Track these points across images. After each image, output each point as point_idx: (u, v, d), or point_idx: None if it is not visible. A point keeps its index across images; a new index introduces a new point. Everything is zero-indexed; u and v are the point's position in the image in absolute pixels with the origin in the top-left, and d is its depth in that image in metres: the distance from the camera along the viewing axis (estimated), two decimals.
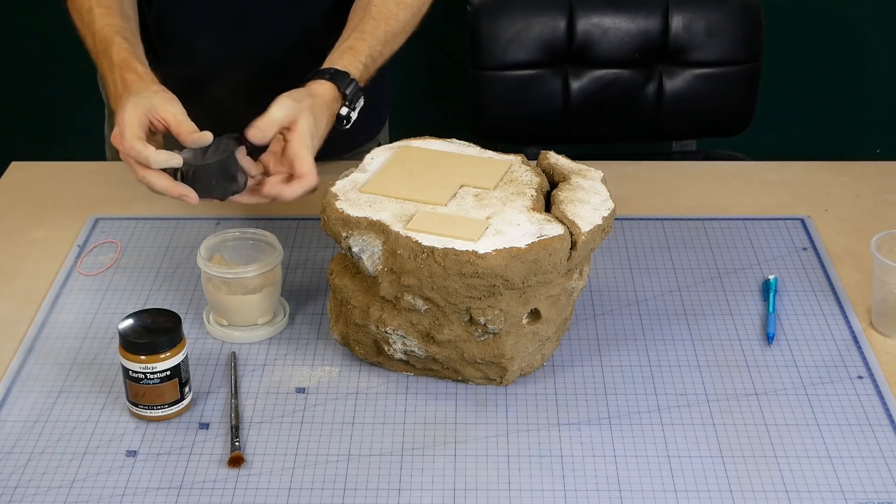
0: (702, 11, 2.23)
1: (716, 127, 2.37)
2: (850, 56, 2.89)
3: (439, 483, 1.21)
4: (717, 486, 1.20)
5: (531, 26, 2.22)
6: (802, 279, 1.52)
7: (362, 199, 1.31)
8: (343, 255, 1.33)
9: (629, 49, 2.24)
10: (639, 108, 2.29)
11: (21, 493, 1.19)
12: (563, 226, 1.26)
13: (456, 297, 1.24)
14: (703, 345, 1.40)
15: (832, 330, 1.42)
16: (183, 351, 1.27)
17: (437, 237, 1.24)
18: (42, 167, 1.80)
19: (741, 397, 1.32)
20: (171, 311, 1.29)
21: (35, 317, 1.45)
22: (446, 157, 1.41)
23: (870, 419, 1.29)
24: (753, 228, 1.62)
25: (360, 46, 1.51)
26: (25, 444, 1.26)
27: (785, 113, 2.92)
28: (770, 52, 2.42)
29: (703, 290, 1.50)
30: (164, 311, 1.30)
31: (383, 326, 1.29)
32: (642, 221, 1.64)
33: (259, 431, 1.27)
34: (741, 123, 2.35)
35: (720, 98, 2.29)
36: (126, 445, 1.25)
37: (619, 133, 2.38)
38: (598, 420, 1.28)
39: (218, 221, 1.63)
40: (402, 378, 1.35)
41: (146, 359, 1.25)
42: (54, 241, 1.60)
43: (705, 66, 2.26)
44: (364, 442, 1.26)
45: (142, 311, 1.30)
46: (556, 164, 1.40)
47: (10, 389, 1.33)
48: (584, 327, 1.43)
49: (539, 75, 2.25)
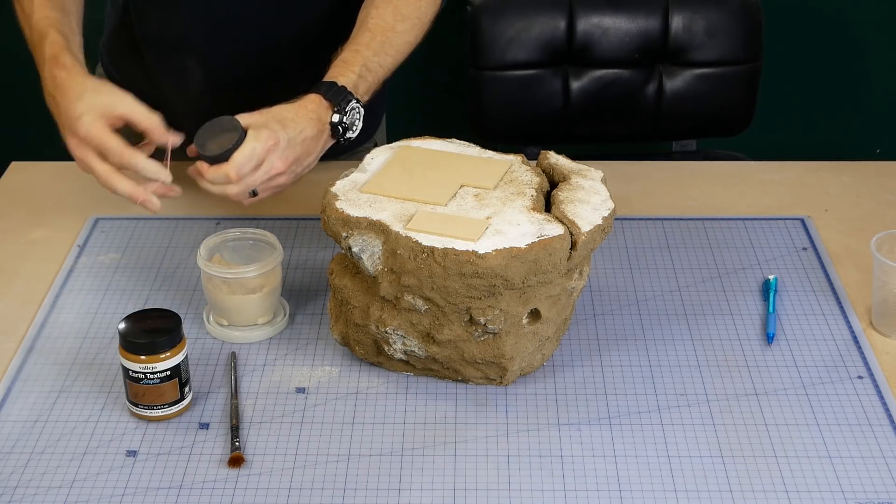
0: (702, 11, 2.23)
1: (716, 127, 2.37)
2: (850, 56, 2.89)
3: (439, 483, 1.21)
4: (717, 486, 1.20)
5: (531, 26, 2.22)
6: (802, 279, 1.52)
7: (362, 199, 1.31)
8: (343, 255, 1.33)
9: (629, 49, 2.24)
10: (639, 108, 2.29)
11: (21, 493, 1.19)
12: (563, 226, 1.26)
13: (456, 297, 1.24)
14: (703, 345, 1.40)
15: (832, 330, 1.42)
16: (183, 351, 1.27)
17: (438, 237, 1.24)
18: (42, 167, 1.80)
19: (741, 397, 1.32)
20: (170, 312, 1.29)
21: (35, 317, 1.45)
22: (446, 157, 1.41)
23: (870, 419, 1.29)
24: (753, 228, 1.62)
25: (352, 58, 1.50)
26: (25, 444, 1.26)
27: (785, 113, 2.92)
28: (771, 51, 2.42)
29: (703, 290, 1.50)
30: (164, 311, 1.30)
31: (383, 326, 1.29)
32: (642, 221, 1.64)
33: (259, 431, 1.27)
34: (741, 123, 2.34)
35: (720, 98, 2.29)
36: (126, 445, 1.25)
37: (619, 133, 2.37)
38: (598, 420, 1.28)
39: (218, 221, 1.63)
40: (402, 378, 1.35)
41: (146, 359, 1.25)
42: (54, 241, 1.60)
43: (705, 66, 2.26)
44: (364, 442, 1.26)
45: (141, 311, 1.30)
46: (556, 164, 1.40)
47: (10, 389, 1.33)
48: (584, 327, 1.43)
49: (539, 75, 2.25)
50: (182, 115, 1.55)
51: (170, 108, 1.49)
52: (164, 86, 1.71)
